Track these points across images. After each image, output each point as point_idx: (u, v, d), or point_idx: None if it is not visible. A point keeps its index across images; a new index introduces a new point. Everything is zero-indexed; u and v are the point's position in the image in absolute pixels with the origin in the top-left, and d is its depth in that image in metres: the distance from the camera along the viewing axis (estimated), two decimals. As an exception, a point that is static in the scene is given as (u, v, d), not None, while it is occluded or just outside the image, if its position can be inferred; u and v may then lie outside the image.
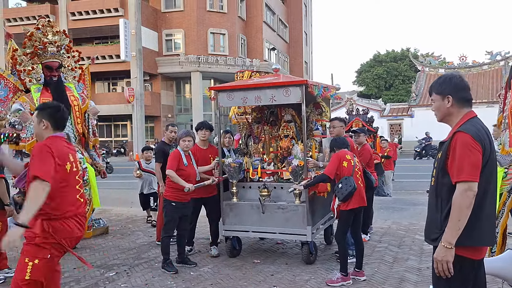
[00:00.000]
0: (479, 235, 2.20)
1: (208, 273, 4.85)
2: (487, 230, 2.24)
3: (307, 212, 4.89)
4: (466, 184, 2.14)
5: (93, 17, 28.72)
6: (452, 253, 2.16)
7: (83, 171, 5.94)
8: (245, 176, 5.54)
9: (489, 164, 2.22)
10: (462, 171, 2.15)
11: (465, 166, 2.15)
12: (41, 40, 5.87)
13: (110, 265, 5.22)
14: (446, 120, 2.41)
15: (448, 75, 2.41)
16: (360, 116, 12.71)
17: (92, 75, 30.77)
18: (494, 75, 29.22)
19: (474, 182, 2.14)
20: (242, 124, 6.17)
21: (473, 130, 2.22)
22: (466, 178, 2.14)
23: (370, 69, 48.66)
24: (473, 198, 2.14)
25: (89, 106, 6.42)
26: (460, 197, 2.14)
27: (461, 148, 2.18)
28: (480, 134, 2.22)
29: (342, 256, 4.49)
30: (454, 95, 2.33)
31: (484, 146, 2.19)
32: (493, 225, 2.30)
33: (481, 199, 2.20)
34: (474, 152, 2.16)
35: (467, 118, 2.32)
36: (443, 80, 2.40)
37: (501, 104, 4.70)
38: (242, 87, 5.26)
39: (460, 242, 2.16)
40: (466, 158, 2.16)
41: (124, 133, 31.84)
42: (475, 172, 2.15)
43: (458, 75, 2.40)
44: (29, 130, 5.65)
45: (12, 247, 2.58)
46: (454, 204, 2.16)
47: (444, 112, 2.39)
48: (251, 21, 33.84)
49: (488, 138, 2.25)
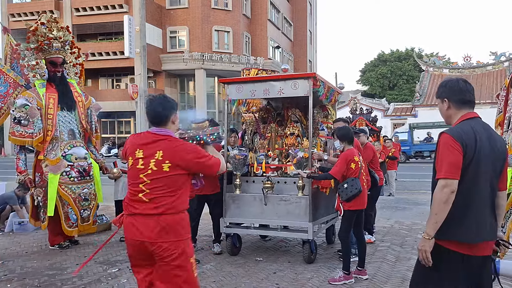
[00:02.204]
0: (466, 232, 2.30)
1: (211, 270, 4.85)
2: (476, 227, 2.32)
3: (309, 205, 4.89)
4: (444, 181, 2.27)
5: (98, 13, 28.77)
6: (430, 244, 2.31)
7: (88, 166, 5.98)
8: (249, 170, 5.56)
9: (473, 164, 2.30)
10: (441, 169, 2.30)
11: (444, 164, 2.29)
12: (46, 36, 5.86)
13: (113, 262, 5.23)
14: (449, 122, 2.52)
15: (446, 79, 2.54)
16: (364, 115, 12.68)
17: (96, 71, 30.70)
18: (498, 76, 29.09)
19: (451, 179, 2.26)
20: (248, 121, 6.18)
21: (457, 131, 2.34)
22: (444, 175, 2.27)
23: (374, 68, 48.53)
24: (450, 194, 2.26)
25: (92, 102, 6.43)
26: (438, 193, 2.28)
27: (442, 147, 2.33)
28: (464, 135, 2.31)
29: (345, 254, 4.48)
30: (450, 98, 2.45)
31: (466, 147, 2.29)
32: (483, 223, 2.35)
33: (467, 197, 2.31)
34: (453, 151, 2.29)
35: (462, 119, 2.43)
36: (441, 84, 2.54)
37: (499, 105, 4.68)
38: (251, 79, 5.34)
39: (446, 236, 2.31)
40: (445, 157, 2.30)
41: (128, 130, 31.90)
42: (453, 171, 2.27)
43: (456, 79, 2.49)
44: (37, 125, 5.63)
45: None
46: (433, 198, 2.32)
47: (445, 114, 2.52)
48: (255, 18, 33.79)
49: (475, 139, 2.32)
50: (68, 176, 5.76)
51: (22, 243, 6.23)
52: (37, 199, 5.76)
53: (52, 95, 5.82)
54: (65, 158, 5.79)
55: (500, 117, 4.64)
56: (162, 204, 2.54)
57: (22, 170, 5.73)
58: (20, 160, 5.74)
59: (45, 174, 5.69)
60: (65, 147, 5.86)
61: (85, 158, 6.00)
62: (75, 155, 5.88)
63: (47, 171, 5.67)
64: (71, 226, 5.79)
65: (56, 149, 5.78)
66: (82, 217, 5.87)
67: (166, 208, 2.54)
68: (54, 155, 5.73)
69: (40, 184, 5.76)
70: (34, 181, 5.83)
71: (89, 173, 5.98)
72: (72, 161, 5.83)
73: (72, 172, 5.80)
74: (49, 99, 5.77)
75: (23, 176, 5.73)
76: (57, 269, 4.96)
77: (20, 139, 5.60)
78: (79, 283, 4.49)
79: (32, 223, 6.20)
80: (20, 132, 5.59)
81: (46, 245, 5.99)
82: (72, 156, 5.85)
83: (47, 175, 5.67)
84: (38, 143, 5.66)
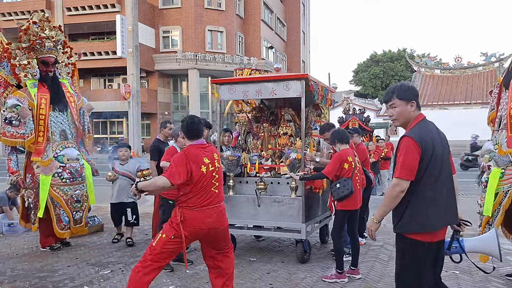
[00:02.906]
0: (430, 223, 2.58)
1: (204, 271, 4.81)
2: (439, 217, 2.60)
3: (302, 206, 4.89)
4: (397, 181, 2.55)
5: (89, 13, 28.55)
6: (376, 226, 2.75)
7: (80, 168, 5.92)
8: (242, 171, 5.55)
9: (432, 164, 2.55)
10: (397, 169, 2.56)
11: (399, 165, 2.55)
12: (38, 35, 5.79)
13: (105, 263, 5.19)
14: (407, 122, 2.70)
15: (407, 83, 2.81)
16: (357, 115, 12.72)
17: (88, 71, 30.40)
18: (488, 76, 29.36)
19: (404, 180, 2.53)
20: (242, 121, 6.17)
21: (417, 133, 2.58)
22: (399, 175, 2.54)
23: (366, 69, 48.79)
24: (400, 192, 2.54)
25: (84, 102, 6.37)
26: (390, 190, 2.59)
27: (402, 150, 2.57)
28: (424, 138, 2.56)
29: (337, 253, 4.49)
30: (416, 100, 2.68)
31: (425, 150, 2.52)
32: (444, 212, 2.62)
33: (430, 193, 2.56)
34: (412, 154, 2.52)
35: (417, 121, 2.67)
36: (408, 87, 2.73)
37: (492, 102, 4.72)
38: (243, 80, 5.32)
39: (413, 229, 2.59)
40: (404, 160, 2.54)
41: (120, 130, 31.70)
42: (408, 173, 2.52)
43: (412, 85, 2.83)
44: (28, 126, 5.55)
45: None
46: (385, 193, 2.70)
47: (407, 117, 2.69)
48: (249, 19, 33.76)
49: (432, 139, 2.57)
50: (60, 178, 5.69)
51: (12, 245, 6.16)
52: (28, 200, 5.68)
53: (44, 95, 5.73)
54: (56, 159, 5.71)
55: (492, 114, 4.68)
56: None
57: (14, 171, 5.64)
58: (11, 161, 5.64)
59: (37, 175, 5.62)
60: (57, 148, 5.78)
61: (77, 159, 5.92)
62: (67, 156, 5.81)
63: (39, 172, 5.60)
64: (63, 228, 5.71)
65: (48, 150, 5.71)
66: (74, 219, 5.78)
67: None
68: (45, 156, 5.66)
69: (31, 185, 5.68)
70: (25, 182, 5.77)
71: (81, 174, 5.91)
72: (64, 162, 5.76)
73: (64, 173, 5.72)
74: (41, 99, 5.69)
75: (16, 176, 5.64)
76: (48, 271, 4.90)
77: (12, 139, 5.52)
78: (71, 285, 4.45)
79: (22, 225, 6.11)
80: (12, 133, 5.51)
81: (37, 247, 5.93)
82: (64, 157, 5.78)
83: (38, 176, 5.61)
84: (30, 143, 5.59)
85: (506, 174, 4.15)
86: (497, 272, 4.58)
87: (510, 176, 4.13)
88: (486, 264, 4.75)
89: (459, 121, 25.43)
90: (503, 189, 4.15)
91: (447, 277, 4.49)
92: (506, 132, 4.16)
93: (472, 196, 9.00)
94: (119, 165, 6.05)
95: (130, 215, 5.95)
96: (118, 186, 5.98)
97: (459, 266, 4.71)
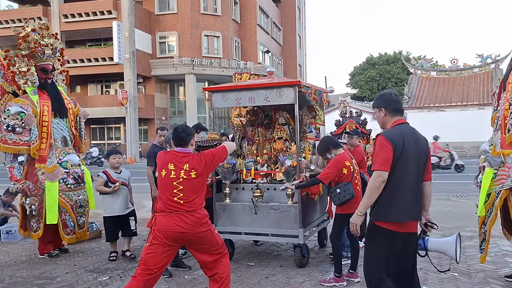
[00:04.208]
0: (394, 213, 2.87)
1: (203, 276, 4.81)
2: (403, 210, 2.88)
3: (299, 213, 4.89)
4: (377, 172, 2.84)
5: (86, 19, 28.55)
6: (361, 219, 2.99)
7: (81, 173, 5.96)
8: (238, 177, 5.54)
9: (402, 159, 2.84)
10: (376, 163, 2.87)
11: (378, 159, 2.86)
12: (38, 42, 5.82)
13: (104, 269, 5.18)
14: (384, 127, 3.09)
15: (382, 92, 3.16)
16: (354, 118, 12.74)
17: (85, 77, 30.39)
18: (485, 78, 29.44)
19: (383, 171, 2.82)
20: (236, 126, 6.18)
21: (389, 133, 2.94)
22: (378, 167, 2.84)
23: (363, 71, 48.89)
24: (382, 183, 2.82)
25: (79, 109, 6.41)
26: (372, 181, 2.86)
27: (378, 146, 2.90)
28: (394, 136, 2.88)
29: (336, 257, 4.49)
30: (386, 107, 3.05)
31: (396, 146, 2.84)
32: (410, 205, 2.90)
33: (396, 186, 2.85)
34: (385, 149, 2.84)
35: (395, 124, 3.01)
36: (378, 96, 3.13)
37: (495, 103, 4.75)
38: (236, 87, 5.28)
39: (379, 218, 2.91)
40: (379, 153, 2.86)
41: (118, 136, 31.66)
42: (385, 164, 2.82)
43: (389, 92, 3.12)
44: (33, 133, 5.57)
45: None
46: (368, 185, 2.92)
47: (381, 121, 3.09)
48: (245, 23, 33.88)
49: (403, 139, 2.86)
50: (65, 183, 5.75)
51: (11, 252, 6.14)
52: (31, 208, 5.64)
53: (45, 102, 5.79)
54: (61, 165, 5.78)
55: (494, 115, 4.70)
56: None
57: (18, 179, 5.60)
58: (14, 168, 5.62)
59: (41, 182, 5.63)
60: (60, 154, 5.85)
61: (79, 164, 6.03)
62: (71, 162, 5.90)
63: (44, 178, 5.63)
64: (69, 233, 5.78)
65: (52, 156, 5.75)
66: (78, 224, 5.88)
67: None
68: (50, 162, 5.70)
69: (35, 192, 5.66)
70: (31, 190, 5.74)
71: (83, 179, 6.01)
72: (68, 168, 5.84)
73: (69, 179, 5.80)
74: (43, 106, 5.74)
75: (21, 184, 5.59)
76: (46, 278, 4.90)
77: (14, 147, 5.51)
78: (69, 292, 4.44)
79: (21, 233, 6.09)
80: (14, 140, 5.50)
81: (35, 254, 5.92)
82: (68, 163, 5.86)
83: (43, 183, 5.62)
84: (35, 150, 5.60)
85: (498, 174, 4.18)
86: (496, 274, 4.61)
87: (502, 177, 4.15)
88: (486, 265, 4.78)
89: (456, 123, 25.52)
90: (495, 189, 4.18)
91: (446, 279, 4.50)
92: (500, 133, 4.18)
93: (471, 198, 9.04)
94: (115, 174, 5.57)
95: (133, 224, 5.60)
96: (122, 196, 5.49)
97: (458, 268, 4.75)
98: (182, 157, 3.47)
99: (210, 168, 3.58)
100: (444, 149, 16.39)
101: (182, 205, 3.38)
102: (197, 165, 3.44)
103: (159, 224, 3.40)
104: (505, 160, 4.16)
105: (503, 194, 4.13)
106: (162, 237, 3.39)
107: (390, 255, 2.92)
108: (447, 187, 11.58)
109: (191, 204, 3.41)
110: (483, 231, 4.35)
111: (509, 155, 4.10)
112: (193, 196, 3.42)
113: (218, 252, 3.56)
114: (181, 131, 3.55)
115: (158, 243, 3.40)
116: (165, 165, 3.47)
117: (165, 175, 3.45)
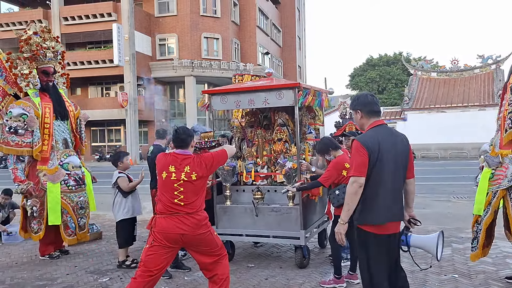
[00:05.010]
0: (373, 216, 2.87)
1: (202, 277, 4.81)
2: (383, 211, 2.87)
3: (300, 215, 4.90)
4: (353, 178, 2.83)
5: (86, 22, 28.59)
6: (344, 227, 2.94)
7: (82, 175, 6.00)
8: (238, 179, 5.55)
9: (378, 164, 2.82)
10: (351, 169, 2.88)
11: (353, 165, 2.86)
12: (40, 45, 5.85)
13: (104, 271, 5.19)
14: (362, 128, 3.05)
15: (358, 94, 3.13)
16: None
17: (85, 80, 30.40)
18: (485, 79, 29.48)
19: (359, 176, 2.81)
20: (235, 128, 6.19)
21: (364, 137, 2.90)
22: (353, 173, 2.83)
23: (363, 73, 48.94)
24: (359, 188, 2.81)
25: (80, 112, 6.45)
26: (349, 187, 2.86)
27: (353, 152, 2.89)
28: (369, 140, 2.85)
29: (335, 258, 4.50)
30: (362, 109, 3.00)
31: (371, 150, 2.81)
32: (389, 207, 2.89)
33: (375, 189, 2.84)
34: (360, 154, 2.82)
35: (371, 126, 2.97)
36: (354, 98, 3.08)
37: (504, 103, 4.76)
38: (235, 90, 5.28)
39: (361, 221, 2.90)
40: (354, 159, 2.86)
41: (118, 138, 31.67)
42: (361, 169, 2.81)
43: (365, 94, 3.07)
44: (36, 135, 5.61)
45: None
46: (346, 192, 2.91)
47: (359, 123, 3.07)
48: (244, 25, 33.91)
49: (378, 143, 2.83)
50: (66, 185, 5.81)
51: (11, 253, 6.15)
52: (32, 209, 5.67)
53: (47, 105, 5.84)
54: (62, 167, 5.83)
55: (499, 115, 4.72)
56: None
57: (22, 180, 5.64)
58: (18, 170, 5.67)
59: (43, 184, 5.66)
60: (61, 156, 5.90)
61: (80, 166, 6.08)
62: (72, 164, 5.96)
63: (46, 180, 5.66)
64: (70, 235, 5.84)
65: (53, 158, 5.79)
66: (79, 226, 5.93)
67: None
68: (51, 164, 5.74)
69: (36, 193, 5.69)
70: (35, 191, 5.76)
71: (84, 181, 6.06)
72: (69, 170, 5.90)
73: (70, 180, 5.86)
74: (45, 108, 5.80)
75: (26, 185, 5.62)
76: (47, 280, 4.91)
77: (16, 148, 5.55)
78: (70, 293, 4.45)
79: (22, 235, 6.12)
80: (16, 142, 5.53)
81: (36, 255, 5.93)
82: (69, 164, 5.92)
83: (45, 184, 5.65)
84: (38, 152, 5.63)
85: (496, 174, 4.23)
86: (496, 275, 4.61)
87: (499, 177, 4.19)
88: (486, 266, 4.78)
89: (456, 124, 25.53)
90: (492, 189, 4.22)
91: (446, 281, 4.50)
92: (500, 133, 4.20)
93: (472, 199, 9.02)
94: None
95: (136, 228, 5.41)
96: (136, 197, 5.28)
97: (458, 270, 4.76)
98: (183, 159, 3.51)
99: (210, 171, 3.61)
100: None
101: (182, 207, 3.42)
102: (198, 167, 3.47)
103: (159, 226, 3.43)
104: (503, 161, 4.19)
105: (500, 194, 4.16)
106: (162, 239, 3.41)
107: (377, 260, 2.93)
108: (448, 189, 11.59)
109: (192, 206, 3.45)
110: (475, 229, 4.40)
111: (507, 156, 4.12)
112: (194, 198, 3.46)
113: (217, 254, 3.59)
114: (181, 133, 3.59)
115: (158, 244, 3.43)
116: (165, 167, 3.49)
117: (165, 177, 3.48)
